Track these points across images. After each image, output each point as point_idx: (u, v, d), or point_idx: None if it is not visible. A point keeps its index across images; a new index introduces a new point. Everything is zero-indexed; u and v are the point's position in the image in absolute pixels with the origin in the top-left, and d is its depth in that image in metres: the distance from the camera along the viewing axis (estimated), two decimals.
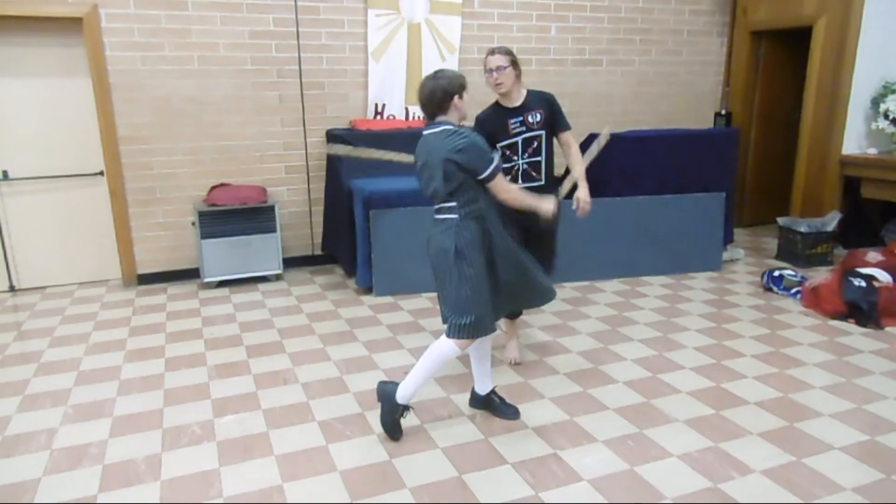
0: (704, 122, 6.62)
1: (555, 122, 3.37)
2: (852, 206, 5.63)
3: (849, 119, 5.53)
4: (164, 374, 3.44)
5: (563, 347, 3.75)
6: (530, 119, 3.32)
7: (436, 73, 2.65)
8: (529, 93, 3.36)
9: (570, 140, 3.41)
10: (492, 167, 2.60)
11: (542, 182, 3.36)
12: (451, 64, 5.52)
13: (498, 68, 3.21)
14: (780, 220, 5.50)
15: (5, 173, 4.68)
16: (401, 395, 2.74)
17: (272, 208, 4.93)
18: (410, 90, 5.47)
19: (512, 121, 3.32)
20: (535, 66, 5.84)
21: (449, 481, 2.49)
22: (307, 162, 5.30)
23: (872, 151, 5.49)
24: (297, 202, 5.36)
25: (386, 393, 2.77)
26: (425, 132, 2.67)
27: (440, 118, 2.64)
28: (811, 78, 5.75)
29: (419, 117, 5.55)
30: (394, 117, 5.46)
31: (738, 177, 6.00)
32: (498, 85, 3.23)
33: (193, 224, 4.89)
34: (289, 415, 3.00)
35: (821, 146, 5.72)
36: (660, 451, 2.68)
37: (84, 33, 4.52)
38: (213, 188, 4.93)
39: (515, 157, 3.33)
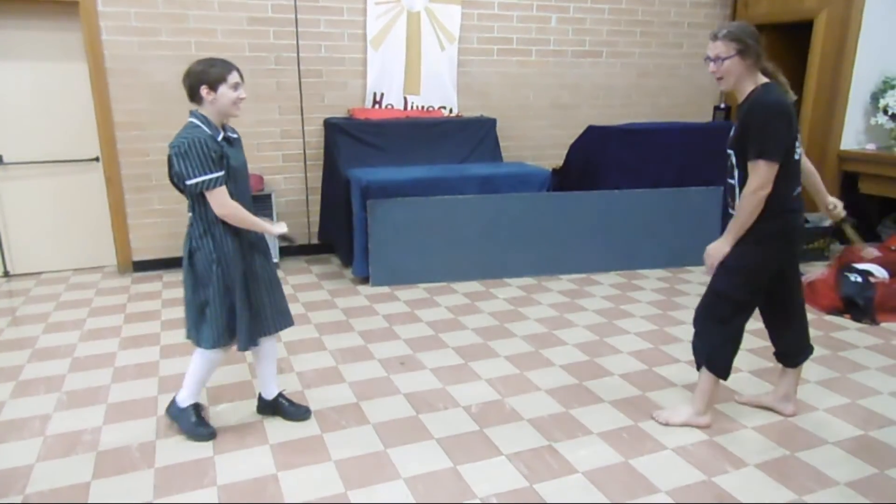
0: (704, 115, 6.60)
1: (742, 144, 2.45)
2: (849, 202, 5.61)
3: (848, 114, 5.52)
4: (158, 362, 3.43)
5: (559, 339, 3.75)
6: (731, 131, 2.55)
7: (203, 59, 2.47)
8: (755, 90, 2.45)
9: (752, 173, 2.39)
10: (203, 177, 2.36)
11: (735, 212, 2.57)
12: (451, 53, 5.48)
13: (715, 59, 2.45)
14: None
15: (0, 158, 4.64)
16: (181, 399, 2.72)
17: (269, 197, 4.90)
18: (409, 79, 5.44)
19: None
20: (535, 56, 5.81)
21: (444, 472, 2.49)
22: (305, 150, 5.28)
23: (871, 147, 5.49)
24: (294, 191, 5.33)
25: (171, 411, 2.75)
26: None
27: (196, 108, 2.48)
28: (811, 72, 5.73)
29: (419, 107, 5.52)
30: (392, 106, 5.43)
31: None
32: (718, 80, 2.49)
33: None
34: None
35: (819, 141, 5.72)
36: (654, 444, 2.68)
37: (80, 17, 4.47)
38: None
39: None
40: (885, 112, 5.30)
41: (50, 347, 3.62)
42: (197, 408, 2.74)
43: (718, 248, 2.57)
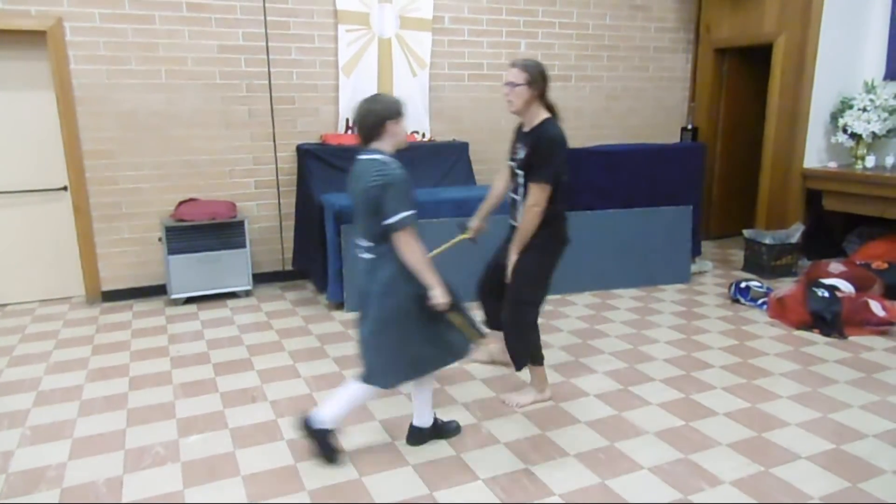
0: (671, 136, 6.73)
1: (529, 167, 2.93)
2: (815, 218, 5.77)
3: (809, 133, 5.67)
4: (127, 394, 3.35)
5: None
6: (520, 153, 3.01)
7: (373, 96, 2.53)
8: (542, 123, 2.93)
9: (531, 192, 2.91)
10: (401, 215, 2.39)
11: (518, 223, 3.08)
12: (422, 79, 5.54)
13: (509, 84, 2.89)
14: (746, 233, 5.61)
15: None
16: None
17: (241, 223, 4.86)
18: None
19: (516, 145, 3.06)
20: None
21: (420, 499, 2.46)
22: (277, 177, 5.26)
23: (833, 165, 5.64)
24: (268, 217, 5.30)
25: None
26: (359, 157, 2.54)
27: (374, 144, 2.51)
28: (773, 93, 5.90)
29: None
30: None
31: (704, 190, 6.11)
32: (508, 102, 2.94)
33: (160, 239, 4.80)
34: (256, 433, 2.94)
35: (783, 160, 5.86)
36: (631, 464, 2.68)
37: (48, 47, 4.44)
38: (181, 203, 4.85)
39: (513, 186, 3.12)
40: (845, 131, 5.46)
41: (14, 381, 3.51)
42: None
43: (514, 256, 3.05)
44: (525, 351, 3.17)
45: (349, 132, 5.39)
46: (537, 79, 2.87)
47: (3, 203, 4.66)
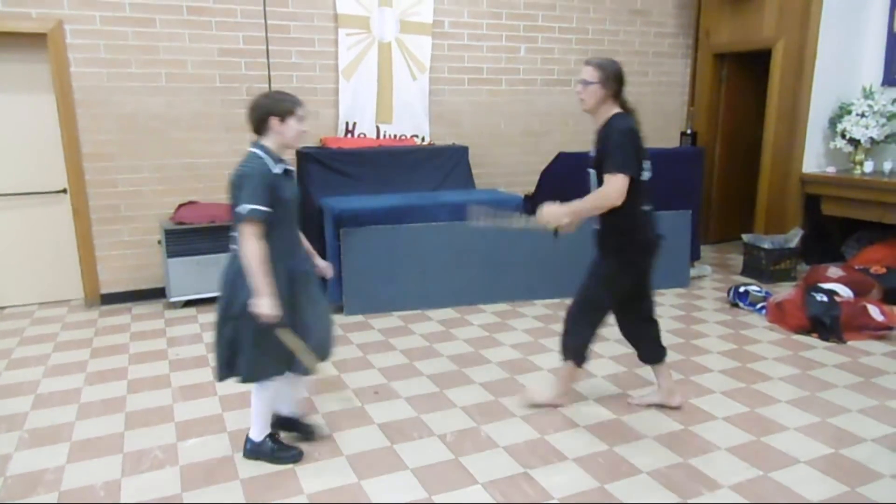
0: (671, 141, 6.74)
1: (601, 162, 2.78)
2: (813, 223, 5.77)
3: (808, 138, 5.69)
4: (126, 397, 3.34)
5: (534, 365, 3.75)
6: (592, 152, 2.89)
7: (271, 91, 2.53)
8: (612, 118, 2.82)
9: (605, 182, 2.73)
10: (247, 207, 2.37)
11: (598, 226, 2.98)
12: (422, 83, 5.55)
13: (582, 82, 2.80)
14: (745, 237, 5.62)
15: None
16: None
17: None
18: (381, 109, 5.48)
19: (592, 147, 2.92)
20: (505, 85, 5.91)
21: (418, 502, 2.45)
22: None
23: (831, 170, 5.65)
24: None
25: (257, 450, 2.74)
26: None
27: (261, 139, 2.53)
28: (771, 98, 5.91)
29: (391, 135, 5.56)
30: (364, 135, 5.46)
31: (703, 194, 6.12)
32: (580, 101, 2.85)
33: (159, 242, 4.80)
34: None
35: (782, 165, 5.87)
36: (629, 468, 2.68)
37: (48, 49, 4.44)
38: (181, 206, 4.85)
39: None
40: (843, 136, 5.48)
41: (12, 384, 3.50)
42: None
43: (556, 213, 2.87)
44: (575, 345, 3.06)
45: (349, 135, 5.40)
46: (611, 78, 2.77)
47: (2, 205, 4.66)
